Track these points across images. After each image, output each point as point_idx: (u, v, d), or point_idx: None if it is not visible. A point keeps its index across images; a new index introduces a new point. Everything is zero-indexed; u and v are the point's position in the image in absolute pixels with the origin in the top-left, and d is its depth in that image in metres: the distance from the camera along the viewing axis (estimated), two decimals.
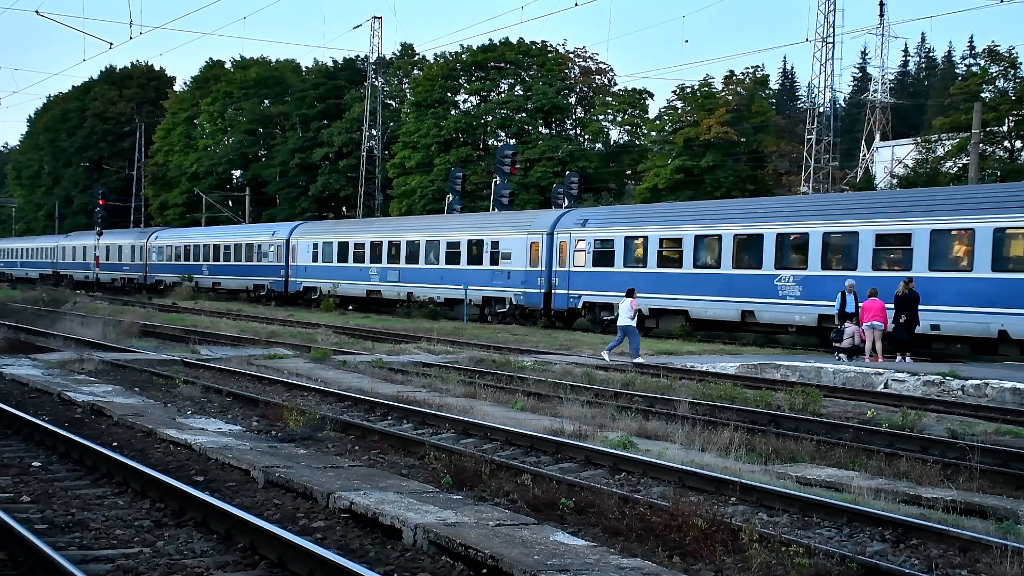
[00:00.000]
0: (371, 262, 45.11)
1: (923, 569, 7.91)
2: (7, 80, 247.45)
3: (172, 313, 42.03)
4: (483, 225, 41.14)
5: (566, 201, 47.86)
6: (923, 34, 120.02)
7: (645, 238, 33.02)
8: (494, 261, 38.70)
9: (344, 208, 77.94)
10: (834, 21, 54.25)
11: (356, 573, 6.64)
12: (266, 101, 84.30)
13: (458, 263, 40.24)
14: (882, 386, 20.19)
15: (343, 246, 47.43)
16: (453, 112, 66.73)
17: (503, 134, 66.26)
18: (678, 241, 31.82)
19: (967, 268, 24.66)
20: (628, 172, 66.23)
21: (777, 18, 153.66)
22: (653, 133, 61.55)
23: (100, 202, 70.74)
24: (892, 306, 24.17)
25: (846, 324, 24.61)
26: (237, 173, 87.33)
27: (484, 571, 7.16)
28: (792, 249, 28.77)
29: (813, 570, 7.54)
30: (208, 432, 12.70)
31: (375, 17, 73.66)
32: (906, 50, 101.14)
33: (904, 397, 18.60)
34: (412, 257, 42.75)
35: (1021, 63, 47.09)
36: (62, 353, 23.35)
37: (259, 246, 54.03)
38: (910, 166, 52.39)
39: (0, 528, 7.79)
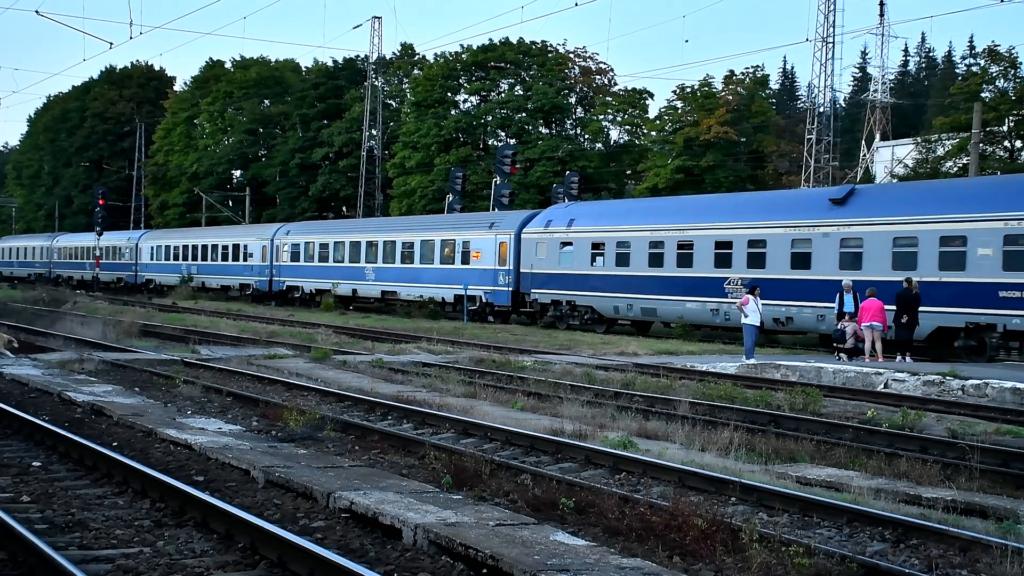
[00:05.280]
0: (183, 260, 62.52)
1: (923, 569, 7.91)
2: (7, 80, 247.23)
3: (172, 313, 42.07)
4: (243, 234, 58.44)
5: (566, 201, 47.84)
6: (923, 34, 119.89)
7: (315, 242, 50.59)
8: (246, 259, 55.69)
9: (344, 208, 77.91)
10: (834, 21, 54.25)
11: (356, 573, 6.64)
12: (266, 101, 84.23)
13: (228, 260, 57.48)
14: (882, 386, 20.19)
15: (167, 248, 64.91)
16: (453, 112, 66.67)
17: (503, 134, 66.21)
18: (327, 246, 49.50)
19: (480, 262, 40.62)
20: (628, 172, 66.20)
21: (777, 18, 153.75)
22: (653, 133, 61.52)
23: (100, 202, 71.27)
24: (893, 307, 24.24)
25: (845, 323, 24.61)
26: (237, 173, 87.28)
27: (484, 571, 7.16)
28: (371, 250, 46.01)
29: (813, 570, 7.54)
30: (208, 432, 12.71)
31: (375, 17, 73.78)
32: (906, 50, 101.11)
33: (904, 397, 18.60)
34: (204, 256, 60.42)
35: (1021, 63, 47.11)
36: (62, 353, 23.37)
37: (120, 248, 70.24)
38: (910, 166, 52.39)
39: (0, 528, 7.79)
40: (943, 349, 25.77)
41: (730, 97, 57.74)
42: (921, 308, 24.41)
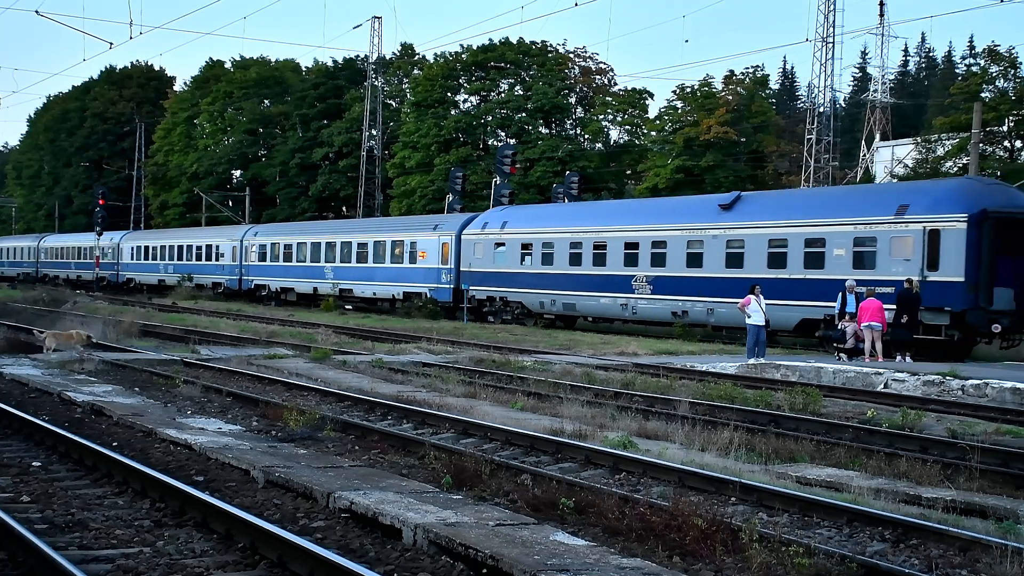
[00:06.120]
0: (160, 259, 65.72)
1: (923, 569, 7.91)
2: (7, 80, 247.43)
3: (172, 313, 42.08)
4: (215, 235, 62.20)
5: (566, 201, 47.86)
6: (923, 34, 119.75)
7: (279, 244, 53.98)
8: (218, 258, 59.61)
9: (344, 208, 77.89)
10: (834, 21, 54.17)
11: (356, 573, 6.65)
12: (266, 101, 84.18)
13: (202, 260, 61.34)
14: (882, 386, 20.20)
15: (146, 248, 67.76)
16: (453, 112, 66.65)
17: (503, 134, 66.19)
18: (291, 246, 52.92)
19: (426, 262, 43.13)
20: (628, 172, 66.18)
21: (777, 18, 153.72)
22: (653, 133, 61.50)
23: (100, 202, 71.39)
24: (893, 306, 24.27)
25: (845, 323, 24.59)
26: (237, 173, 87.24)
27: (484, 571, 7.16)
28: (329, 251, 49.43)
29: (813, 570, 7.54)
30: (208, 432, 12.71)
31: (375, 17, 73.70)
32: (906, 50, 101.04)
33: (904, 397, 18.61)
34: (179, 256, 63.83)
35: (1021, 63, 47.07)
36: (62, 353, 23.36)
37: (103, 248, 72.90)
38: (910, 166, 52.37)
39: (0, 528, 7.79)
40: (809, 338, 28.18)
41: (730, 97, 57.70)
42: (788, 302, 26.71)
